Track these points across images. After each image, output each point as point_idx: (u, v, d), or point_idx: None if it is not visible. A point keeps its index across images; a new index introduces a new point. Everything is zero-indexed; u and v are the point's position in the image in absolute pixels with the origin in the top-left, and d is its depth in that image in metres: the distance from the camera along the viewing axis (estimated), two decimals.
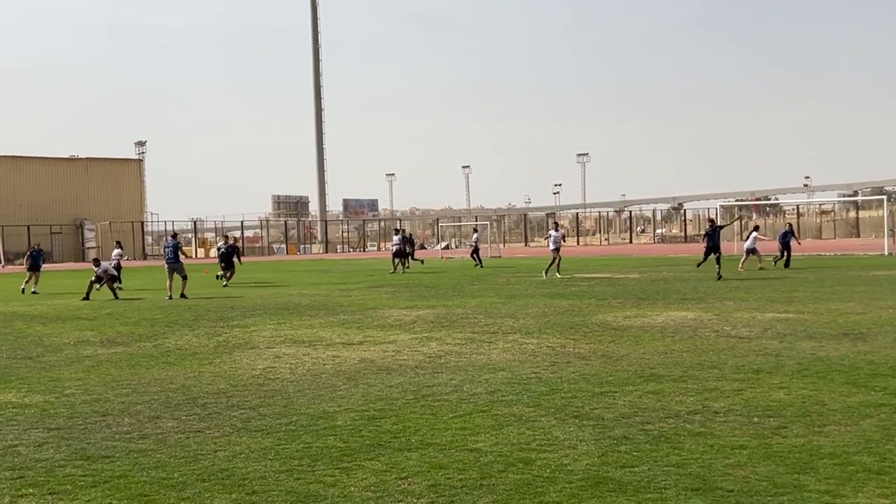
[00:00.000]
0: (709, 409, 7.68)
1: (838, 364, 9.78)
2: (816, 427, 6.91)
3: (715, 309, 16.33)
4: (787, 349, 11.00)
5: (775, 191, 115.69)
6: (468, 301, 19.84)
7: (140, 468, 6.26)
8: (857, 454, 6.09)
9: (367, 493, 5.54)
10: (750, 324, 13.82)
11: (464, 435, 6.98)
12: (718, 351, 11.05)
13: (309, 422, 7.61)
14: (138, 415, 8.15)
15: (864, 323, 13.48)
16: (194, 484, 5.82)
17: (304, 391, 9.11)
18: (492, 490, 5.52)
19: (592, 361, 10.52)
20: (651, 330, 13.43)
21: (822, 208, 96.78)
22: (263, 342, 13.33)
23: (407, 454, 6.43)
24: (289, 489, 5.65)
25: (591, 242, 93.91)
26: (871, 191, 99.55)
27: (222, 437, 7.12)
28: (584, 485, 5.57)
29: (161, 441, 7.07)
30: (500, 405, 8.09)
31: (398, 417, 7.69)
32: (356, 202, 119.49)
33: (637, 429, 7.01)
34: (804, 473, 5.68)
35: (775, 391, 8.34)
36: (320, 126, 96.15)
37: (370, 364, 10.83)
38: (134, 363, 11.54)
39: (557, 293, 21.57)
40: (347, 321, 16.11)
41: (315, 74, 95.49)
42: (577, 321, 14.95)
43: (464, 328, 14.40)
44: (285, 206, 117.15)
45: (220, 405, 8.48)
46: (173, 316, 18.10)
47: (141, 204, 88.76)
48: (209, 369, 10.82)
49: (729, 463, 5.96)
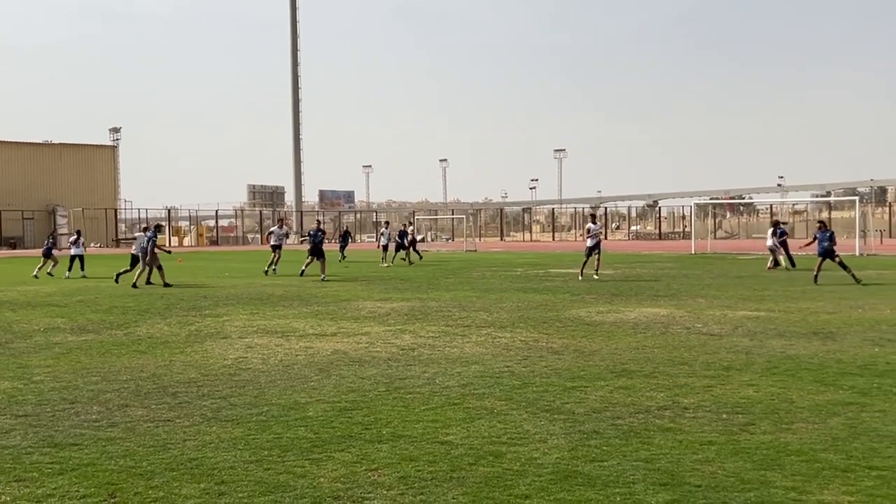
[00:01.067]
0: (678, 404, 7.73)
1: (807, 362, 9.87)
2: (784, 424, 6.97)
3: (687, 306, 16.44)
4: (758, 347, 11.10)
5: (749, 190, 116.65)
6: (443, 294, 19.85)
7: (108, 456, 6.22)
8: (824, 451, 6.16)
9: (336, 484, 5.53)
10: (721, 321, 13.92)
11: (435, 427, 6.99)
12: (689, 348, 11.13)
13: (280, 412, 7.59)
14: (107, 403, 8.09)
15: (833, 322, 13.62)
16: (163, 473, 5.79)
17: (275, 382, 9.08)
18: (461, 483, 5.53)
19: (565, 356, 10.56)
20: (623, 326, 13.50)
21: (795, 208, 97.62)
22: (236, 332, 13.27)
23: (378, 446, 6.43)
24: (258, 479, 5.63)
25: (566, 238, 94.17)
26: (844, 192, 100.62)
27: (192, 427, 7.08)
28: (554, 478, 5.59)
29: (130, 429, 7.02)
30: (471, 398, 8.11)
31: (370, 409, 7.68)
32: (332, 193, 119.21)
33: (607, 423, 7.05)
34: (771, 470, 5.73)
35: (745, 388, 8.41)
36: (297, 116, 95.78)
37: (343, 355, 10.81)
38: (104, 351, 11.45)
39: (532, 288, 21.63)
40: (321, 312, 16.06)
41: (293, 65, 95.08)
42: (551, 316, 15.00)
43: (438, 321, 14.41)
44: (261, 196, 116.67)
45: (190, 394, 8.44)
46: (145, 304, 17.97)
47: (114, 191, 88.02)
48: (180, 358, 10.76)
49: (697, 458, 6.01)
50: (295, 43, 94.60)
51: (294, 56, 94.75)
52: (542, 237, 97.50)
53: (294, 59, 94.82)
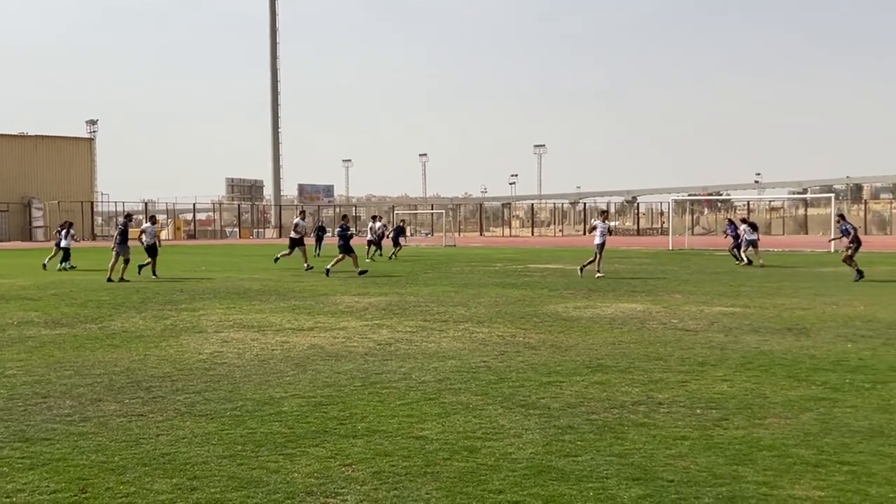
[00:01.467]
0: (653, 399, 7.76)
1: (781, 358, 9.94)
2: (757, 419, 7.02)
3: (663, 302, 16.51)
4: (732, 342, 11.16)
5: (727, 187, 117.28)
6: (421, 289, 19.84)
7: (80, 451, 6.17)
8: (796, 447, 6.20)
9: (310, 479, 5.51)
10: (697, 317, 14.00)
11: (410, 422, 6.98)
12: (665, 343, 11.18)
13: (254, 407, 7.56)
14: (80, 397, 8.02)
15: (808, 318, 13.72)
16: (135, 468, 5.75)
17: (251, 376, 9.04)
18: (436, 478, 5.53)
19: (541, 351, 10.58)
20: (600, 321, 13.54)
21: (771, 205, 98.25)
22: (211, 326, 13.20)
23: (352, 441, 6.42)
24: (231, 475, 5.60)
25: (545, 233, 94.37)
26: (820, 189, 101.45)
27: (165, 422, 7.04)
28: (528, 473, 5.60)
29: (102, 424, 6.97)
30: (447, 393, 8.11)
31: (345, 404, 7.66)
32: (311, 188, 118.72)
33: (582, 419, 7.07)
34: (743, 465, 5.77)
35: (719, 383, 8.46)
36: (276, 110, 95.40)
37: (319, 350, 10.78)
38: (78, 345, 11.36)
39: (510, 283, 21.66)
40: (298, 307, 16.01)
41: (272, 58, 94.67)
42: (529, 311, 15.03)
43: (415, 316, 14.40)
44: (239, 190, 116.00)
45: (164, 389, 8.38)
46: (120, 298, 17.85)
47: (91, 183, 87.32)
48: (155, 352, 10.69)
49: (670, 453, 6.04)
50: (274, 36, 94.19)
51: (273, 49, 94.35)
52: (521, 232, 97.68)
53: (273, 53, 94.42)
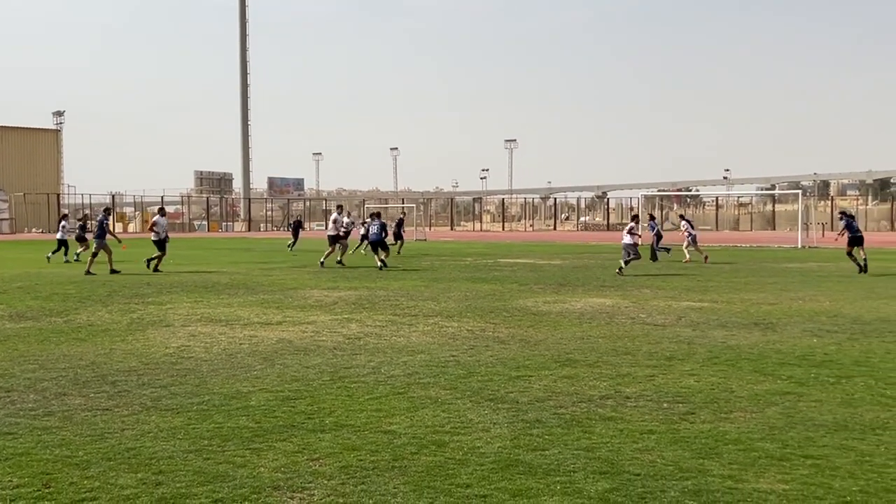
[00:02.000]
0: (621, 394, 7.80)
1: (748, 353, 10.03)
2: (723, 413, 7.07)
3: (632, 296, 16.60)
4: (700, 337, 11.24)
5: (696, 182, 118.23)
6: (391, 283, 19.80)
7: (43, 446, 6.09)
8: (761, 440, 6.26)
9: (276, 473, 5.48)
10: (665, 312, 14.09)
11: (379, 417, 6.96)
12: (633, 337, 11.23)
13: (221, 401, 7.50)
14: (44, 391, 7.92)
15: (774, 313, 13.85)
16: (99, 463, 5.69)
17: (218, 370, 8.98)
18: (403, 472, 5.52)
19: (511, 345, 10.60)
20: (569, 316, 13.59)
21: (740, 201, 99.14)
22: (179, 320, 13.09)
23: (320, 435, 6.39)
24: (197, 469, 5.56)
25: (516, 228, 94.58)
26: (788, 185, 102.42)
27: (131, 416, 6.97)
28: (495, 467, 5.60)
29: (67, 418, 6.89)
30: (416, 387, 8.09)
31: (313, 398, 7.63)
32: (282, 181, 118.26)
33: (550, 413, 7.08)
34: (709, 458, 5.81)
35: (686, 378, 8.52)
36: (246, 102, 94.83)
37: (288, 344, 10.73)
38: (43, 338, 11.22)
39: (480, 277, 21.68)
40: (267, 301, 15.93)
41: (242, 50, 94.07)
42: (498, 305, 15.04)
43: (385, 310, 14.37)
44: (208, 183, 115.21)
45: (130, 383, 8.30)
46: (86, 291, 17.66)
47: (57, 175, 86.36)
48: (121, 346, 10.59)
49: (637, 447, 6.07)
50: (244, 28, 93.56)
51: (242, 40, 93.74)
52: (492, 227, 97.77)
53: (242, 44, 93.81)
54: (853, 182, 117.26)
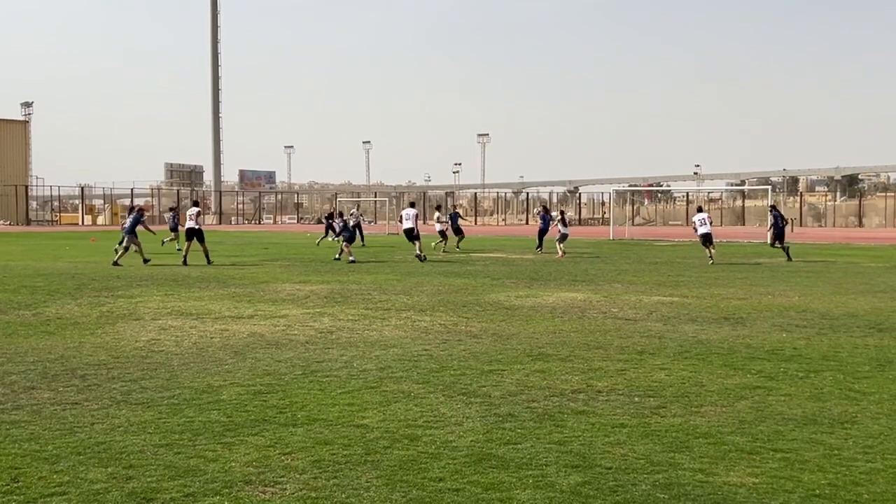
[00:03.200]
0: (592, 388, 7.84)
1: (718, 347, 10.11)
2: (694, 407, 7.13)
3: (604, 291, 16.68)
4: (670, 332, 11.32)
5: (667, 178, 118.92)
6: (363, 277, 19.76)
7: (12, 440, 6.02)
8: (731, 434, 6.31)
9: (248, 468, 5.45)
10: (636, 306, 14.17)
11: (351, 411, 6.95)
12: (605, 332, 11.29)
13: (192, 395, 7.45)
14: (13, 385, 7.83)
15: (744, 308, 13.98)
16: (68, 457, 5.63)
17: (188, 364, 8.92)
18: (376, 466, 5.51)
19: (483, 340, 10.62)
20: (542, 310, 13.63)
21: (710, 196, 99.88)
22: (149, 314, 12.99)
23: (292, 429, 6.37)
24: (167, 463, 5.52)
25: (488, 223, 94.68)
26: (758, 181, 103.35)
27: (100, 410, 6.91)
28: (468, 461, 5.61)
29: (36, 412, 6.82)
30: (389, 381, 8.09)
31: (285, 393, 7.60)
32: (253, 174, 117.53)
33: (522, 407, 7.11)
34: (680, 452, 5.85)
35: (657, 372, 8.57)
36: (217, 94, 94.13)
37: (259, 338, 10.68)
38: (11, 332, 11.09)
39: (452, 272, 21.69)
40: (238, 294, 15.84)
41: (213, 40, 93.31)
42: (471, 300, 15.06)
43: (357, 304, 14.34)
44: (178, 175, 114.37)
45: (99, 377, 8.22)
46: (55, 284, 17.47)
47: (25, 167, 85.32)
48: (90, 340, 10.49)
49: (609, 441, 6.10)
50: (215, 18, 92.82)
51: (214, 31, 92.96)
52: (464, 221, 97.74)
53: (214, 35, 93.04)
54: (822, 178, 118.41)
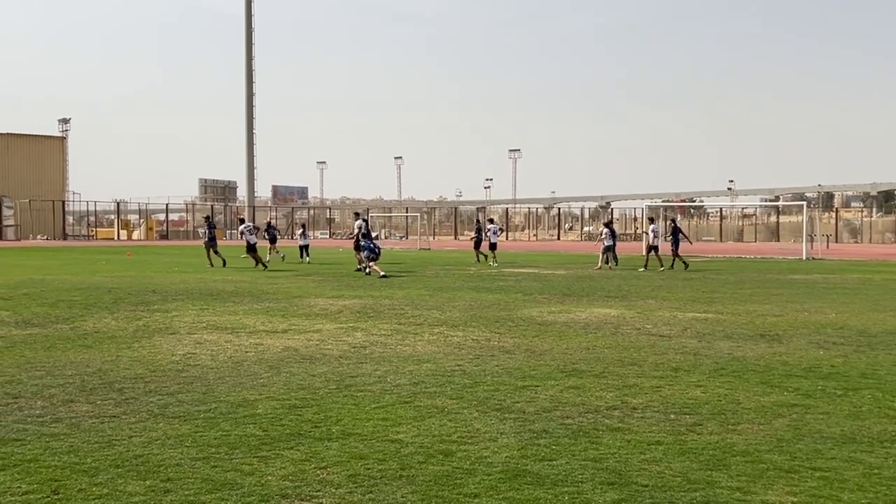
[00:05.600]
0: (627, 404, 7.79)
1: (754, 364, 10.02)
2: (730, 425, 7.06)
3: (637, 307, 16.59)
4: (706, 348, 11.23)
5: (700, 193, 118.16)
6: (395, 292, 19.81)
7: (52, 452, 6.10)
8: (769, 452, 6.25)
9: (284, 482, 5.48)
10: (671, 322, 14.07)
11: (385, 426, 6.96)
12: (639, 348, 11.23)
13: (228, 409, 7.51)
14: (52, 398, 7.93)
15: (780, 325, 13.84)
16: (107, 469, 5.69)
17: (224, 378, 8.99)
18: (411, 481, 5.52)
19: (516, 355, 10.60)
20: (575, 326, 13.58)
21: (744, 212, 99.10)
22: (184, 328, 13.11)
23: (327, 444, 6.39)
24: (205, 477, 5.56)
25: (519, 238, 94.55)
26: (792, 196, 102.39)
27: (138, 423, 6.98)
28: (503, 477, 5.60)
29: (74, 425, 6.90)
30: (422, 397, 8.09)
31: (320, 407, 7.63)
32: (286, 189, 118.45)
33: (557, 423, 7.08)
34: (717, 470, 5.80)
35: (692, 389, 8.51)
36: (251, 110, 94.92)
37: (294, 352, 10.73)
38: (49, 345, 11.24)
39: (485, 287, 21.68)
40: (272, 309, 15.94)
41: (247, 58, 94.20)
42: (503, 315, 15.04)
43: (390, 319, 14.37)
44: (212, 191, 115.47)
45: (137, 390, 8.31)
46: (92, 298, 17.68)
47: (63, 182, 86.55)
48: (127, 353, 10.60)
49: (645, 458, 6.06)
50: (249, 36, 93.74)
51: (248, 49, 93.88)
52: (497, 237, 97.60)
53: (248, 53, 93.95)
54: (857, 194, 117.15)
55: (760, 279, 25.53)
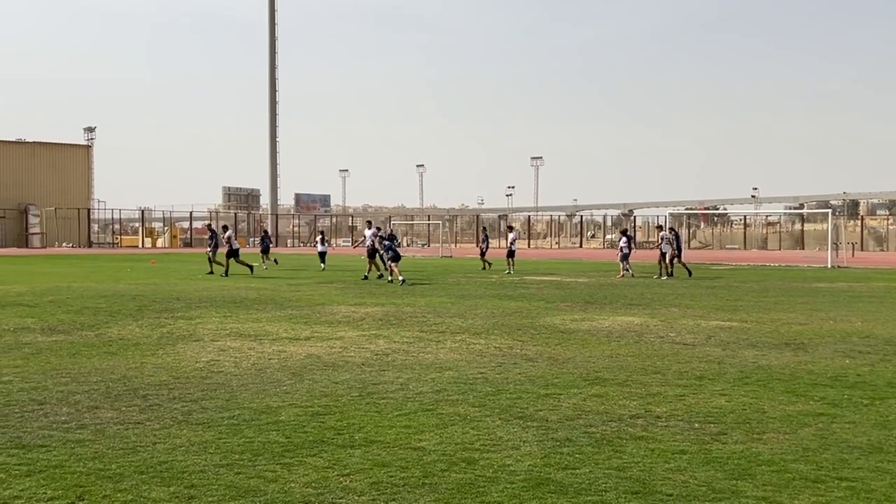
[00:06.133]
0: (651, 413, 7.75)
1: (779, 373, 9.94)
2: (756, 434, 7.00)
3: (661, 315, 16.50)
4: (730, 357, 11.16)
5: (724, 201, 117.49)
6: (417, 300, 19.82)
7: (77, 458, 6.14)
8: (795, 462, 6.19)
9: (307, 489, 5.49)
10: (694, 331, 13.99)
11: (408, 433, 6.96)
12: (663, 357, 11.17)
13: (251, 416, 7.53)
14: (77, 404, 7.99)
15: (805, 333, 13.72)
16: (132, 476, 5.73)
17: (247, 385, 9.02)
18: (434, 489, 5.51)
19: (539, 363, 10.57)
20: (598, 334, 13.53)
21: (768, 220, 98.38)
22: (208, 335, 13.17)
23: (350, 451, 6.40)
24: (228, 483, 5.58)
25: (542, 246, 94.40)
26: (817, 204, 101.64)
27: (162, 430, 7.02)
28: (526, 486, 5.58)
29: (99, 431, 6.95)
30: (445, 404, 8.09)
31: (342, 414, 7.64)
32: (308, 197, 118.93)
33: (580, 431, 7.05)
34: (742, 479, 5.75)
35: (717, 398, 8.45)
36: (274, 119, 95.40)
37: (316, 360, 10.76)
38: (74, 352, 11.33)
39: (507, 295, 21.65)
40: (295, 316, 15.99)
41: (270, 66, 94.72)
42: (526, 323, 15.01)
43: (412, 326, 14.38)
44: (236, 199, 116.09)
45: (161, 397, 8.36)
46: (117, 305, 17.81)
47: (88, 191, 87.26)
48: (151, 360, 10.66)
49: (669, 467, 6.02)
50: (273, 44, 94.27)
51: (272, 57, 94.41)
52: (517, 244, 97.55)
53: (272, 61, 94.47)
54: (883, 201, 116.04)
55: (785, 287, 25.34)
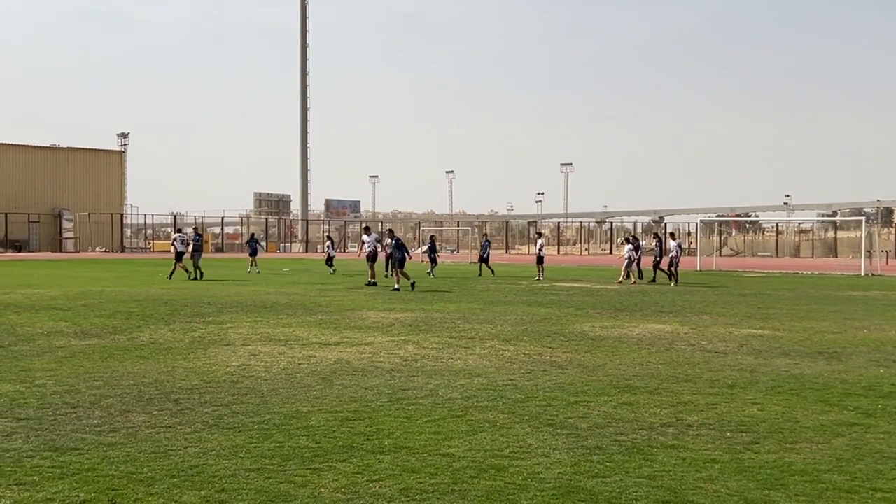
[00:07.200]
0: (682, 422, 7.69)
1: (812, 382, 9.82)
2: (788, 444, 6.93)
3: (692, 323, 16.39)
4: (762, 365, 11.05)
5: (755, 208, 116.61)
6: (447, 306, 19.82)
7: (109, 462, 6.20)
8: (828, 472, 6.12)
9: (337, 494, 5.50)
10: (726, 339, 13.87)
11: (437, 439, 6.95)
12: (694, 365, 11.08)
13: (282, 421, 7.56)
14: (109, 408, 8.07)
15: (838, 342, 13.56)
16: (163, 479, 5.77)
17: (278, 390, 9.06)
18: (463, 496, 5.50)
19: (568, 370, 10.53)
20: (628, 341, 13.46)
21: (800, 227, 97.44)
22: (239, 339, 13.25)
23: (379, 457, 6.40)
24: (259, 488, 5.61)
25: (571, 252, 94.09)
26: (850, 211, 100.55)
27: (193, 434, 7.06)
28: (556, 493, 5.55)
29: (131, 435, 7.00)
30: (474, 411, 8.07)
31: (372, 420, 7.65)
32: (338, 203, 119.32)
33: (610, 439, 7.01)
34: (775, 489, 5.69)
35: (749, 407, 8.37)
36: (305, 125, 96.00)
37: (346, 365, 10.79)
38: (107, 356, 11.44)
39: (536, 301, 21.60)
40: (325, 321, 16.04)
41: (302, 73, 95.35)
42: (555, 330, 14.96)
43: (441, 332, 14.38)
44: (267, 204, 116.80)
45: (192, 401, 8.41)
46: (149, 310, 17.97)
47: (121, 196, 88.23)
48: (183, 364, 10.74)
49: (701, 476, 5.97)
50: (304, 51, 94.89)
51: (303, 65, 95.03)
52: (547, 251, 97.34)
53: (303, 68, 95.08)
54: None
55: (818, 295, 25.07)
